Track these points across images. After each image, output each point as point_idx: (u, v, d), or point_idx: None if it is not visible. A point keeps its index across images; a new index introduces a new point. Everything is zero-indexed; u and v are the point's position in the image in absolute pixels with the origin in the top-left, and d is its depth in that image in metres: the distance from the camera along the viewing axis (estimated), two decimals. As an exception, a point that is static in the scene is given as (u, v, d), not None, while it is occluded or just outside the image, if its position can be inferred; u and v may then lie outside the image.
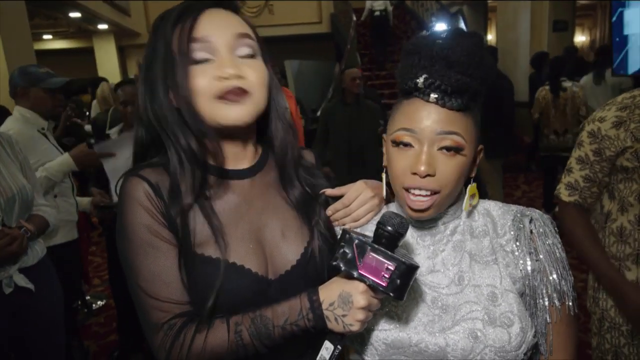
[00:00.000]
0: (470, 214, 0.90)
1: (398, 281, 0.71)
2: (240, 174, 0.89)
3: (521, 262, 0.84)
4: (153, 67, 0.82)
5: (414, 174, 0.79)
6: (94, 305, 3.77)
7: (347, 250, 0.73)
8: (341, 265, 0.74)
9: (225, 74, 0.78)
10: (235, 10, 0.87)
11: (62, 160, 2.28)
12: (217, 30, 0.81)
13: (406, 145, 0.80)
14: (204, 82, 0.79)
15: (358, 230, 0.93)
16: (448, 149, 0.78)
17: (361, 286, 0.74)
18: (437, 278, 0.86)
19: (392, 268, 0.71)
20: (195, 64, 0.80)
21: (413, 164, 0.79)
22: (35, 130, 2.32)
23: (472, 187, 0.86)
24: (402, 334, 0.83)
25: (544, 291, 0.84)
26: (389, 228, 0.72)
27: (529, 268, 0.84)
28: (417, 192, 0.80)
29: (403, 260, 0.71)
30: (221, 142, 0.86)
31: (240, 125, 0.82)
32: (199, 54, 0.80)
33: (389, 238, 0.73)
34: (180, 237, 0.80)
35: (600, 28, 11.98)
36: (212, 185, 0.85)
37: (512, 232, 0.86)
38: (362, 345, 0.87)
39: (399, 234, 0.73)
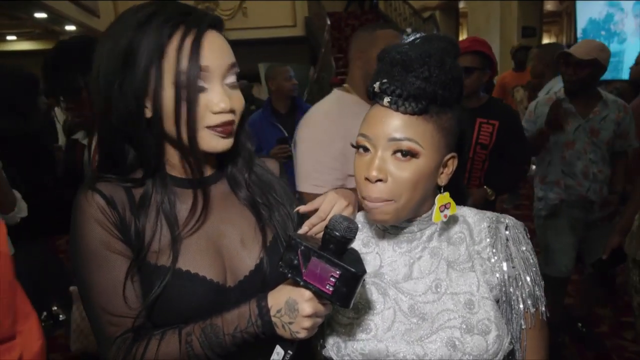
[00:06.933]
0: (446, 220, 0.88)
1: (344, 289, 0.69)
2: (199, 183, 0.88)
3: (497, 268, 0.84)
4: (131, 69, 0.75)
5: (366, 179, 0.78)
6: (60, 316, 3.62)
7: (292, 257, 0.72)
8: (287, 272, 0.73)
9: (220, 108, 0.78)
10: (222, 29, 0.83)
11: None
12: (216, 60, 0.78)
13: (365, 150, 0.80)
14: (199, 110, 0.77)
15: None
16: (402, 152, 0.77)
17: (307, 294, 0.73)
18: (413, 285, 0.85)
19: (336, 276, 0.69)
20: None
21: (366, 169, 0.78)
22: None
23: (441, 197, 0.83)
24: (379, 344, 0.81)
25: (520, 297, 0.84)
26: (336, 233, 0.70)
27: (505, 275, 0.84)
28: (369, 203, 0.79)
29: (347, 267, 0.69)
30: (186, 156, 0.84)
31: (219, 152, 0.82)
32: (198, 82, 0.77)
33: (336, 243, 0.71)
34: (135, 248, 0.79)
35: (566, 34, 12.38)
36: (172, 195, 0.85)
37: (488, 239, 0.86)
38: (338, 355, 0.85)
39: (347, 239, 0.71)
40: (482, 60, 2.15)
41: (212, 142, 0.80)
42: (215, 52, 0.78)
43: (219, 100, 0.78)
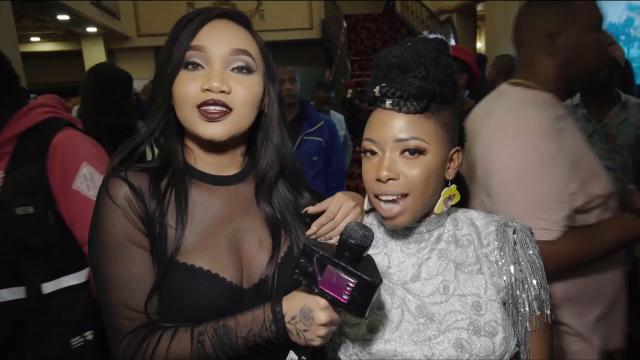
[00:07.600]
0: (454, 222, 0.90)
1: (360, 298, 0.69)
2: (225, 181, 0.89)
3: (505, 271, 0.85)
4: (160, 68, 0.83)
5: (378, 180, 0.80)
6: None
7: (307, 264, 0.71)
8: (301, 279, 0.71)
9: (211, 85, 0.78)
10: (245, 23, 0.87)
11: None
12: (215, 41, 0.81)
13: (373, 153, 0.82)
14: (190, 89, 0.79)
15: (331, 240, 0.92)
16: (410, 151, 0.79)
17: (322, 302, 0.72)
18: (421, 286, 0.86)
19: (352, 285, 0.68)
20: (186, 69, 0.80)
21: (376, 170, 0.80)
22: None
23: (447, 190, 0.85)
24: (387, 345, 0.82)
25: (526, 300, 0.85)
26: (352, 241, 0.70)
27: (512, 277, 0.85)
28: (384, 197, 0.81)
29: (364, 276, 0.68)
30: (205, 148, 0.86)
31: (217, 142, 0.82)
32: (191, 59, 0.80)
33: (352, 251, 0.70)
34: (157, 242, 0.79)
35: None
36: (196, 191, 0.86)
37: (495, 242, 0.87)
38: (346, 354, 0.86)
39: (362, 248, 0.71)
40: (456, 64, 2.18)
41: (201, 125, 0.80)
42: (215, 35, 0.81)
43: (209, 78, 0.79)
